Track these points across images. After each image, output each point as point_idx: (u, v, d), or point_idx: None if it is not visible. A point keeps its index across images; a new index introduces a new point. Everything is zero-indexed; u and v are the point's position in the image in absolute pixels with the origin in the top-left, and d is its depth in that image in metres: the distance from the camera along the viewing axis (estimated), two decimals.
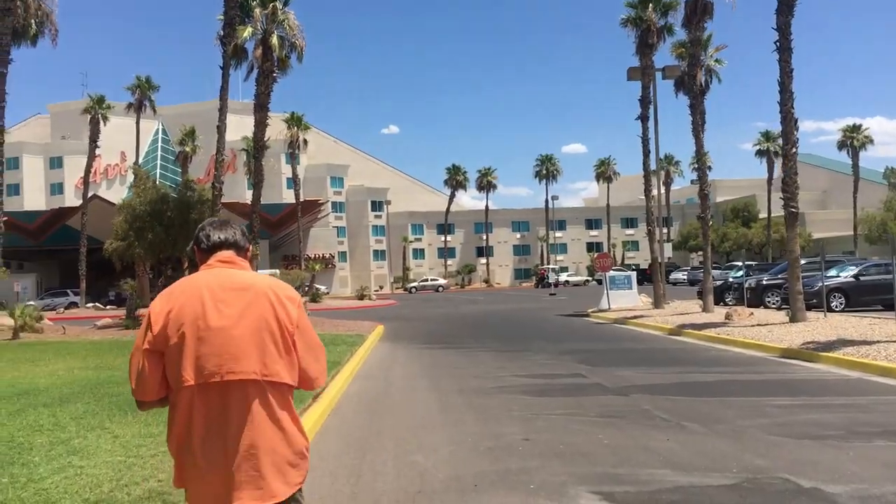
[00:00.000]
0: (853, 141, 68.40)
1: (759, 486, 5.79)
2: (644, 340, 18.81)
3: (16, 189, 79.58)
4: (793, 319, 19.41)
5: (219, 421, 2.55)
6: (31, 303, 42.04)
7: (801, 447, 6.99)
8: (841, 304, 24.20)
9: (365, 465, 6.77)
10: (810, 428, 7.84)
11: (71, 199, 74.78)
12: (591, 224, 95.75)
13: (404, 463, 6.80)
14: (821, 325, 18.14)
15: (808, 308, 20.41)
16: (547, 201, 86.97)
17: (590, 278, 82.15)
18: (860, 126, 69.46)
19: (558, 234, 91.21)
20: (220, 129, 24.61)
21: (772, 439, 7.34)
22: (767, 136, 71.90)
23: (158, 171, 78.55)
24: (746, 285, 27.65)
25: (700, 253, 77.96)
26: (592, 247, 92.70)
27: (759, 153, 72.91)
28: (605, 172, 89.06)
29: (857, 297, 24.41)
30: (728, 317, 21.25)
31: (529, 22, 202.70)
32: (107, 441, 6.83)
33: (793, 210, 19.82)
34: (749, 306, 25.53)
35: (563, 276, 79.79)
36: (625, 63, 56.37)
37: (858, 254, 57.64)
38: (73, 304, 52.46)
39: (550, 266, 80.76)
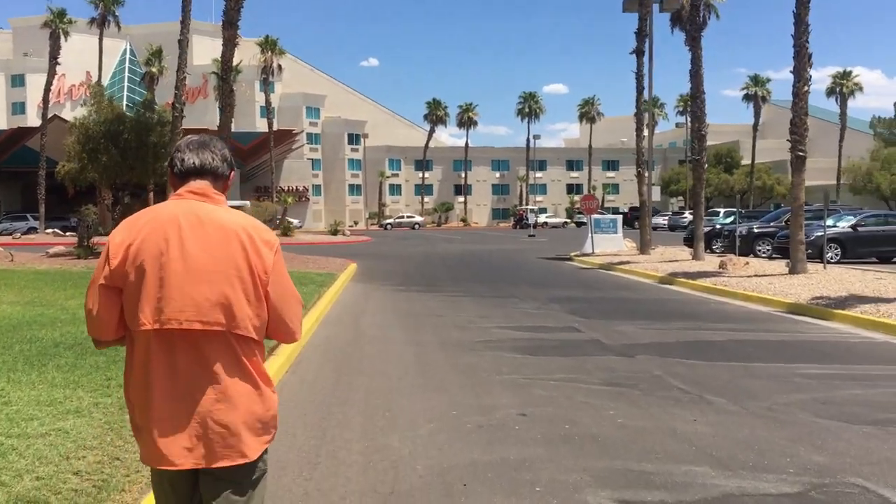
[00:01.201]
0: (842, 88, 66.96)
1: (832, 498, 4.47)
2: (635, 289, 17.54)
3: None
4: (793, 271, 18.22)
5: (181, 372, 2.32)
6: None
7: (864, 437, 5.68)
8: (836, 255, 23.08)
9: (324, 449, 5.35)
10: (862, 409, 6.54)
11: (33, 119, 71.16)
12: (572, 165, 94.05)
13: (374, 447, 5.40)
14: (824, 278, 16.97)
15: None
16: (528, 140, 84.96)
17: (568, 220, 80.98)
18: (850, 73, 67.95)
19: (538, 174, 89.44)
20: (182, 44, 22.45)
21: (822, 424, 6.03)
22: (756, 80, 70.34)
23: (126, 92, 75.07)
24: (738, 233, 26.41)
25: (680, 198, 77.47)
26: (572, 188, 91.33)
27: (747, 97, 71.44)
28: (588, 112, 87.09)
29: (854, 249, 23.32)
30: (722, 265, 20.00)
31: None
32: None
33: (801, 153, 18.44)
34: (739, 255, 24.36)
35: (542, 218, 78.32)
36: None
37: (841, 203, 56.81)
38: (33, 230, 50.32)
39: (529, 207, 79.25)
